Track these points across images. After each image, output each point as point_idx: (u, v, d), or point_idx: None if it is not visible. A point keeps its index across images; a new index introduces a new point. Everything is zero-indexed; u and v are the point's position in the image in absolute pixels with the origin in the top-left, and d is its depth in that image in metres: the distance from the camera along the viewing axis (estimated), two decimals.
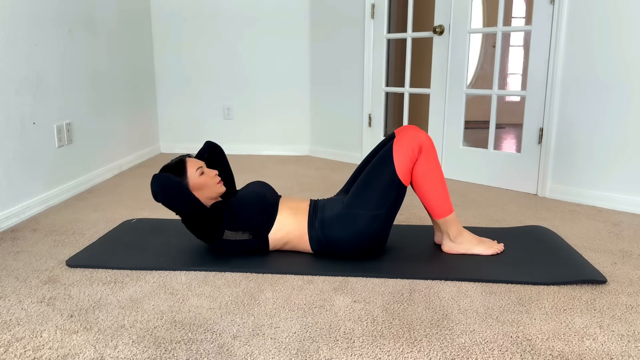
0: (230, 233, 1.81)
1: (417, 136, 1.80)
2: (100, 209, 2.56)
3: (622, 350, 1.29)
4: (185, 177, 1.80)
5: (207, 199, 1.86)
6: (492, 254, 1.88)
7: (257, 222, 1.81)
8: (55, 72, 2.67)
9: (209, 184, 1.84)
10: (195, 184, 1.81)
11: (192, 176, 1.81)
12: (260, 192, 1.87)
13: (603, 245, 2.06)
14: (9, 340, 1.34)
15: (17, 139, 2.35)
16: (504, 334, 1.37)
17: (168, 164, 1.84)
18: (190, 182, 1.81)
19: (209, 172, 1.86)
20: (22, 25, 2.39)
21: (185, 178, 1.80)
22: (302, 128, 4.11)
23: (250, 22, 3.98)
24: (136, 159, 3.70)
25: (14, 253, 1.96)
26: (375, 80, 3.54)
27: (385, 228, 1.81)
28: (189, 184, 1.80)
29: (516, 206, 2.63)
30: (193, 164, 1.83)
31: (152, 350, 1.29)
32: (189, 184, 1.80)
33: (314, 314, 1.48)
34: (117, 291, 1.62)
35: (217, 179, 1.86)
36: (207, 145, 2.03)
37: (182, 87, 4.13)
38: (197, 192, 1.82)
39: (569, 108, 2.68)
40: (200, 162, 1.87)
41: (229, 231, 1.80)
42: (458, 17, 3.05)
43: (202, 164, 1.86)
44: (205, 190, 1.84)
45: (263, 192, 1.87)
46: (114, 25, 3.35)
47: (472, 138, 4.79)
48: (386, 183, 1.77)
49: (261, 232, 1.82)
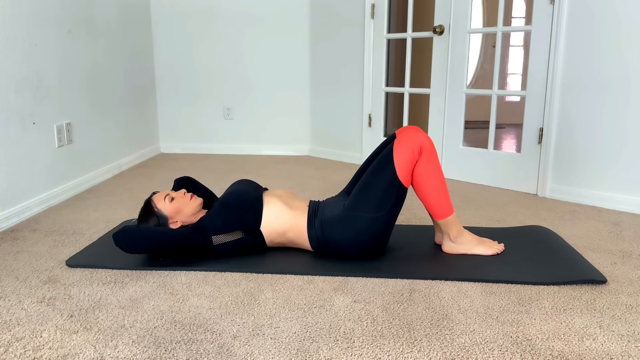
0: (220, 237, 1.81)
1: (418, 137, 1.80)
2: (100, 209, 2.56)
3: (622, 350, 1.29)
4: (158, 214, 1.84)
5: (191, 217, 1.89)
6: (493, 254, 1.88)
7: (243, 218, 1.81)
8: (55, 72, 2.67)
9: (182, 203, 1.87)
10: (171, 212, 1.85)
11: (163, 208, 1.85)
12: (239, 189, 1.89)
13: (603, 245, 2.06)
14: (9, 340, 1.34)
15: (17, 139, 2.35)
16: (504, 334, 1.37)
17: (139, 214, 1.88)
18: (166, 214, 1.84)
19: (177, 194, 1.89)
20: (22, 25, 2.39)
21: (160, 213, 1.84)
22: (302, 128, 4.11)
23: (251, 22, 3.98)
24: (136, 159, 3.70)
25: (14, 253, 1.96)
26: (375, 80, 3.54)
27: (386, 230, 1.81)
28: (167, 216, 1.84)
29: (516, 206, 2.63)
30: (159, 197, 1.87)
31: (152, 350, 1.29)
32: (167, 215, 1.84)
33: (314, 314, 1.48)
34: (117, 291, 1.62)
35: (188, 196, 1.90)
36: (176, 182, 2.08)
37: (182, 87, 4.13)
38: (177, 217, 1.86)
39: (569, 108, 2.68)
40: (165, 191, 1.94)
41: (217, 236, 1.81)
42: (458, 17, 3.05)
43: (168, 191, 1.90)
44: (185, 210, 1.87)
45: (242, 189, 1.89)
46: (114, 25, 3.35)
47: (472, 138, 4.79)
48: (387, 185, 1.77)
49: (252, 227, 1.82)
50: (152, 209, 1.85)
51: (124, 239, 1.72)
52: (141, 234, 1.74)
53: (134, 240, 1.72)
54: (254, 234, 1.83)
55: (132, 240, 1.72)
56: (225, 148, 4.19)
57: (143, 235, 1.74)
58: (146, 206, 1.87)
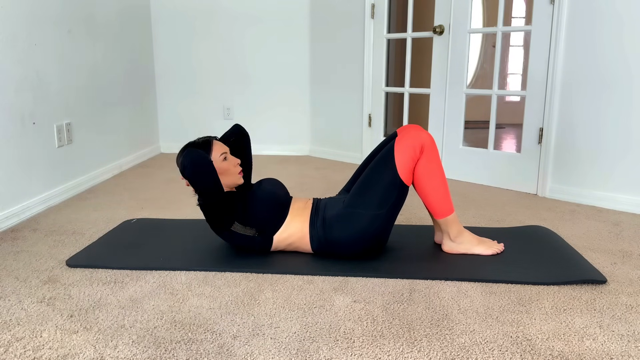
0: (239, 226, 1.81)
1: (419, 136, 1.80)
2: (100, 209, 2.56)
3: (622, 350, 1.29)
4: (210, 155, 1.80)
5: (223, 186, 1.85)
6: (492, 254, 1.88)
7: (267, 221, 1.81)
8: (55, 72, 2.67)
9: (230, 171, 1.84)
10: (216, 168, 1.81)
11: (215, 159, 1.81)
12: (275, 191, 1.86)
13: (603, 245, 2.06)
14: (9, 340, 1.34)
15: (17, 139, 2.35)
16: (504, 334, 1.37)
17: (194, 142, 1.84)
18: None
19: (232, 159, 1.85)
20: (22, 25, 2.39)
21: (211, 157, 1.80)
22: (302, 128, 4.11)
23: (251, 21, 3.98)
24: (136, 159, 3.70)
25: (14, 253, 1.96)
26: (375, 80, 3.54)
27: (386, 228, 1.81)
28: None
29: (516, 206, 2.63)
30: (218, 148, 1.83)
31: (152, 350, 1.29)
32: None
33: (314, 314, 1.48)
34: (117, 291, 1.62)
35: (238, 169, 1.86)
36: (235, 128, 2.03)
37: (182, 86, 4.13)
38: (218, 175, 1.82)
39: (569, 108, 2.68)
40: (225, 147, 1.87)
41: (239, 224, 1.80)
42: (458, 17, 3.05)
43: (227, 149, 1.86)
44: (225, 177, 1.84)
45: (277, 192, 1.87)
46: (114, 25, 3.35)
47: (472, 138, 4.79)
48: (388, 183, 1.77)
49: (268, 232, 1.82)
50: (209, 149, 1.81)
51: (194, 157, 1.68)
52: (208, 163, 1.70)
53: (200, 164, 1.69)
54: (265, 238, 1.83)
55: (199, 163, 1.69)
56: None
57: (209, 165, 1.70)
58: (205, 143, 1.82)
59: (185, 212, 2.51)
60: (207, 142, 1.83)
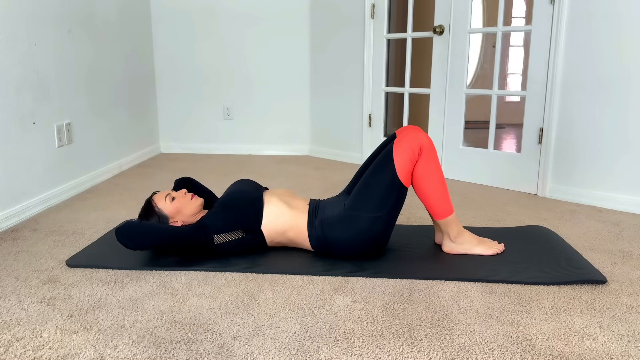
0: (222, 236, 1.81)
1: (418, 137, 1.80)
2: (100, 209, 2.56)
3: (622, 350, 1.29)
4: (158, 213, 1.85)
5: (191, 217, 1.90)
6: (493, 254, 1.88)
7: (244, 218, 1.81)
8: (55, 72, 2.67)
9: (183, 203, 1.88)
10: (171, 212, 1.86)
11: (164, 207, 1.86)
12: (239, 189, 1.89)
13: (603, 245, 2.06)
14: (9, 340, 1.34)
15: (17, 139, 2.35)
16: (504, 334, 1.37)
17: (140, 212, 1.89)
18: (167, 213, 1.85)
19: (177, 194, 1.90)
20: (22, 25, 2.39)
21: (161, 213, 1.85)
22: (302, 128, 4.11)
23: (251, 21, 3.98)
24: (136, 159, 3.70)
25: (14, 253, 1.96)
26: (375, 80, 3.54)
27: (386, 230, 1.81)
28: (168, 215, 1.85)
29: (516, 206, 2.63)
30: (160, 197, 1.88)
31: (152, 350, 1.29)
32: (167, 214, 1.85)
33: (314, 314, 1.48)
34: (117, 291, 1.62)
35: (188, 196, 1.91)
36: (177, 182, 2.09)
37: (182, 86, 4.13)
38: (178, 216, 1.87)
39: (569, 108, 2.68)
40: (166, 191, 1.95)
41: (219, 235, 1.81)
42: (458, 17, 3.05)
43: (168, 191, 1.91)
44: (184, 210, 1.88)
45: (242, 189, 1.89)
46: (114, 25, 3.35)
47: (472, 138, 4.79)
48: (387, 184, 1.77)
49: (253, 227, 1.82)
50: (153, 208, 1.86)
51: (126, 233, 1.73)
52: (144, 230, 1.74)
53: (136, 236, 1.73)
54: (254, 234, 1.83)
55: (135, 235, 1.73)
56: (225, 148, 4.19)
57: (146, 231, 1.74)
58: (147, 205, 1.87)
59: None
60: (147, 203, 1.88)
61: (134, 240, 1.73)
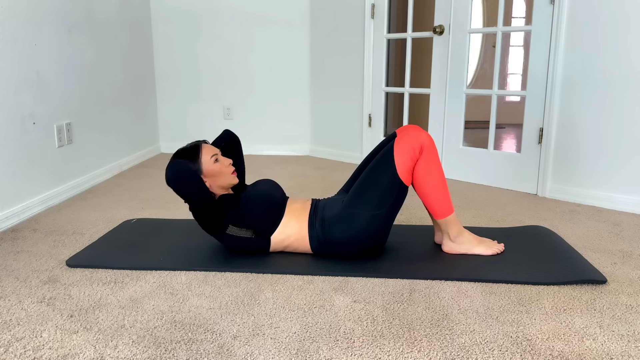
0: (234, 229, 1.81)
1: (419, 136, 1.80)
2: (100, 209, 2.56)
3: (622, 350, 1.29)
4: (199, 163, 1.80)
5: (218, 188, 1.86)
6: (493, 254, 1.88)
7: (262, 222, 1.81)
8: (55, 72, 2.67)
9: (223, 172, 1.84)
10: (208, 171, 1.81)
11: (206, 162, 1.81)
12: (269, 192, 1.86)
13: (603, 245, 2.06)
14: (9, 340, 1.34)
15: (17, 139, 2.35)
16: (504, 334, 1.37)
17: (183, 148, 1.84)
18: (203, 169, 1.80)
19: (223, 160, 1.85)
20: (22, 25, 2.39)
21: (199, 164, 1.80)
22: (302, 128, 4.11)
23: (251, 21, 3.98)
24: (136, 159, 3.70)
25: (14, 253, 1.96)
26: (375, 80, 3.54)
27: (386, 228, 1.81)
28: (203, 170, 1.80)
29: (516, 206, 2.63)
30: (208, 151, 1.83)
31: (152, 350, 1.29)
32: (203, 170, 1.80)
33: (314, 314, 1.48)
34: (117, 291, 1.62)
35: (231, 169, 1.86)
36: (225, 134, 2.03)
37: (182, 86, 4.13)
38: (210, 179, 1.82)
39: (569, 108, 2.68)
40: (215, 149, 1.87)
41: (234, 227, 1.80)
42: (458, 17, 3.05)
43: (218, 151, 1.86)
44: (219, 179, 1.84)
45: (272, 193, 1.86)
46: (114, 25, 3.35)
47: (472, 138, 4.79)
48: (387, 183, 1.77)
49: (264, 233, 1.82)
50: (198, 154, 1.81)
51: (177, 169, 1.70)
52: (192, 177, 1.72)
53: (183, 177, 1.71)
54: (262, 238, 1.83)
55: (182, 176, 1.71)
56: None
57: (193, 178, 1.72)
58: (193, 148, 1.82)
59: (185, 212, 2.51)
60: (195, 147, 1.83)
61: (179, 178, 1.71)
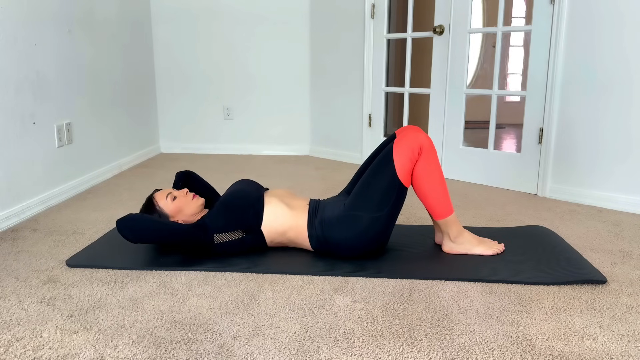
0: (222, 235, 1.81)
1: (417, 137, 1.80)
2: (100, 209, 2.56)
3: (622, 350, 1.29)
4: (158, 211, 1.86)
5: (192, 216, 1.91)
6: (493, 254, 1.88)
7: (244, 218, 1.81)
8: (55, 72, 2.67)
9: (184, 203, 1.88)
10: (172, 211, 1.86)
11: (165, 206, 1.86)
12: (239, 189, 1.89)
13: (603, 245, 2.06)
14: (9, 340, 1.34)
15: (17, 139, 2.35)
16: (504, 334, 1.37)
17: (140, 210, 1.89)
18: (167, 212, 1.86)
19: (178, 193, 1.90)
20: (22, 25, 2.39)
21: (161, 211, 1.86)
22: (302, 128, 4.11)
23: (251, 21, 3.98)
24: (136, 159, 3.70)
25: (14, 253, 1.96)
26: (375, 80, 3.54)
27: (386, 230, 1.81)
28: (168, 214, 1.86)
29: (516, 206, 2.63)
30: (161, 196, 1.89)
31: (152, 350, 1.29)
32: (167, 214, 1.86)
33: (314, 314, 1.48)
34: (117, 291, 1.62)
35: (189, 196, 1.91)
36: (177, 176, 2.09)
37: (182, 87, 4.13)
38: (178, 216, 1.88)
39: (569, 108, 2.68)
40: (167, 189, 1.92)
41: (220, 234, 1.81)
42: (458, 17, 3.05)
43: (170, 190, 1.91)
44: (185, 210, 1.89)
45: (243, 189, 1.89)
46: (114, 25, 3.35)
47: (472, 138, 4.79)
48: (387, 184, 1.77)
49: (253, 227, 1.82)
50: (154, 206, 1.86)
51: (128, 224, 1.71)
52: (145, 223, 1.73)
53: (137, 228, 1.72)
54: (254, 234, 1.83)
55: (136, 227, 1.71)
56: (225, 148, 4.19)
57: (147, 225, 1.73)
58: (148, 203, 1.88)
59: None
60: (148, 201, 1.89)
61: (135, 233, 1.72)
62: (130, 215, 1.74)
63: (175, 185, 2.07)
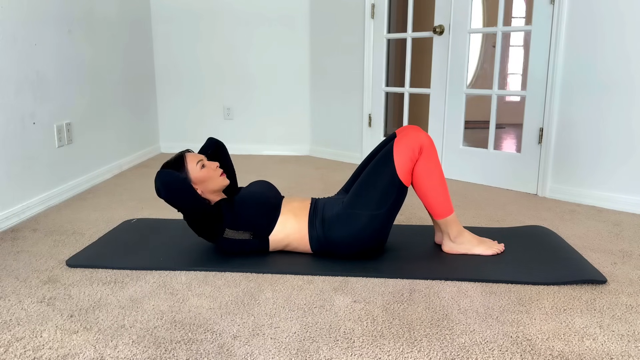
0: (231, 232, 1.81)
1: (418, 136, 1.80)
2: (100, 209, 2.56)
3: (622, 350, 1.29)
4: (185, 171, 1.79)
5: (210, 193, 1.85)
6: (493, 254, 1.88)
7: (258, 223, 1.81)
8: (55, 72, 2.67)
9: (211, 176, 1.83)
10: (197, 178, 1.80)
11: (193, 170, 1.80)
12: (262, 192, 1.86)
13: (603, 245, 2.06)
14: (9, 340, 1.34)
15: (17, 139, 2.35)
16: (504, 334, 1.37)
17: (168, 161, 1.83)
18: (192, 176, 1.80)
19: (210, 164, 1.84)
20: (22, 25, 2.39)
21: (186, 173, 1.79)
22: (302, 128, 4.11)
23: (251, 21, 3.98)
24: (136, 159, 3.70)
25: (14, 253, 1.96)
26: (375, 80, 3.54)
27: (385, 228, 1.81)
28: (191, 179, 1.80)
29: (516, 206, 2.63)
30: (193, 158, 1.82)
31: (152, 350, 1.29)
32: (191, 178, 1.80)
33: (314, 314, 1.48)
34: (117, 291, 1.62)
35: (219, 171, 1.85)
36: (209, 142, 2.03)
37: (182, 86, 4.13)
38: (199, 185, 1.81)
39: (569, 108, 2.68)
40: (200, 155, 1.86)
41: (230, 230, 1.80)
42: (458, 17, 3.05)
43: (203, 157, 1.86)
44: (209, 183, 1.83)
45: (265, 193, 1.87)
46: (114, 25, 3.35)
47: (472, 138, 4.79)
48: (386, 183, 1.77)
49: (262, 233, 1.82)
50: (183, 165, 1.80)
51: (166, 179, 1.69)
52: (183, 186, 1.70)
53: (173, 186, 1.69)
54: (261, 239, 1.83)
55: (172, 185, 1.69)
56: None
57: (183, 187, 1.70)
58: (178, 159, 1.82)
59: None
60: (180, 157, 1.83)
61: (168, 188, 1.69)
62: (172, 172, 1.71)
63: (204, 151, 2.00)
